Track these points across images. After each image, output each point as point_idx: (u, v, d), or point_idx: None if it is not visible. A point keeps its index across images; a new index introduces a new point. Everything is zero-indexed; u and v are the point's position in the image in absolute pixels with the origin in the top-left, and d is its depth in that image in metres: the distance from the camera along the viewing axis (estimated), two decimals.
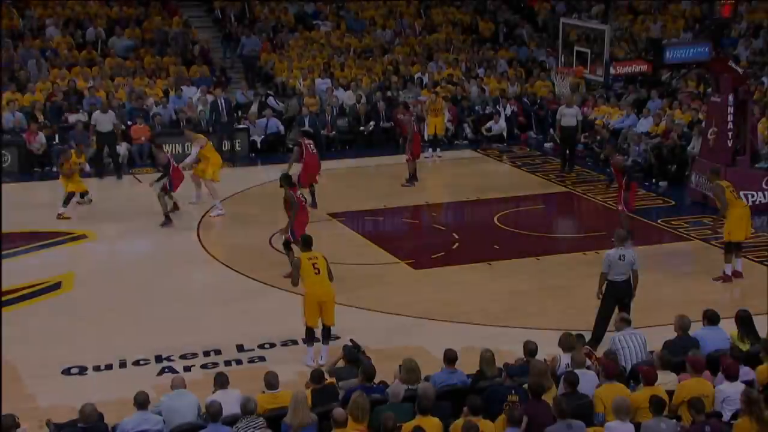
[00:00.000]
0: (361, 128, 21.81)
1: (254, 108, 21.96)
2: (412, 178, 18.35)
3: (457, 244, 15.06)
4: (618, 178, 14.55)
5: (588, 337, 10.49)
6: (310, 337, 10.85)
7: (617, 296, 10.92)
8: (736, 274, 13.25)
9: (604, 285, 10.96)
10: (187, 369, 10.76)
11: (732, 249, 13.17)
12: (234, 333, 11.71)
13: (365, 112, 21.94)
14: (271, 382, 8.62)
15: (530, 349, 9.07)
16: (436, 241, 15.44)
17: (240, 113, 21.98)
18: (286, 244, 13.45)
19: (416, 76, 23.75)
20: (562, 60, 16.36)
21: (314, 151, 16.72)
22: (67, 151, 17.38)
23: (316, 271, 10.74)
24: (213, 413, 8.04)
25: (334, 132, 21.54)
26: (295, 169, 16.14)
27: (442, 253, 14.63)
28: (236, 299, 12.99)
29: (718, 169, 14.40)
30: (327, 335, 10.89)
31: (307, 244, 11.18)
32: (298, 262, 10.92)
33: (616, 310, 10.75)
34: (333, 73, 23.72)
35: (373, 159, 20.63)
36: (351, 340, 9.72)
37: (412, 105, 21.45)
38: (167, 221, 15.94)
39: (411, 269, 14.07)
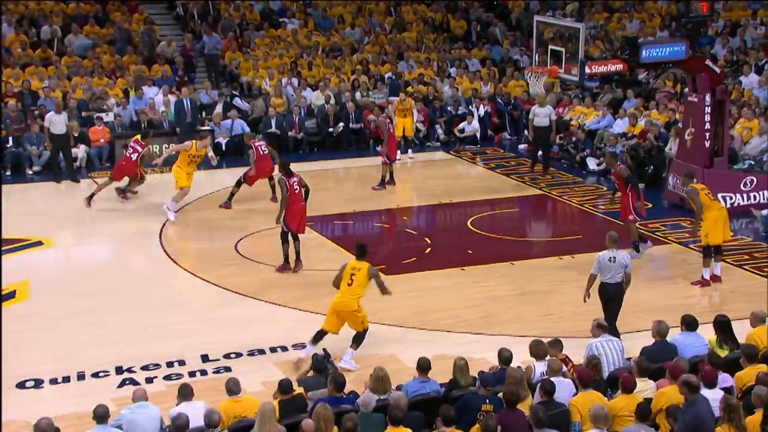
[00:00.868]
0: (330, 129, 21.80)
1: (219, 109, 21.87)
2: (383, 181, 18.35)
3: (429, 248, 15.08)
4: (621, 187, 14.47)
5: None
6: (315, 337, 11.04)
7: (609, 298, 11.06)
8: (715, 279, 13.39)
9: (594, 286, 11.10)
10: (149, 380, 10.68)
11: (710, 252, 13.29)
12: (198, 343, 11.64)
13: (334, 113, 21.94)
14: (232, 388, 8.60)
15: (505, 357, 9.10)
16: (408, 246, 15.47)
17: (204, 114, 21.89)
18: (283, 236, 13.70)
19: (386, 76, 23.78)
20: (537, 59, 16.45)
21: (265, 152, 16.94)
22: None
23: (350, 282, 10.99)
24: (180, 426, 7.98)
25: (301, 133, 21.52)
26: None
27: (414, 259, 14.67)
28: (201, 307, 12.92)
29: (692, 172, 14.56)
30: (354, 339, 11.08)
31: (359, 253, 11.33)
32: (343, 266, 11.15)
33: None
34: (300, 73, 23.70)
35: (343, 161, 20.63)
36: (324, 350, 9.72)
37: (382, 106, 21.46)
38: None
39: (382, 275, 14.03)
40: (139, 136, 18.00)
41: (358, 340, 11.10)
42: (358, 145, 21.94)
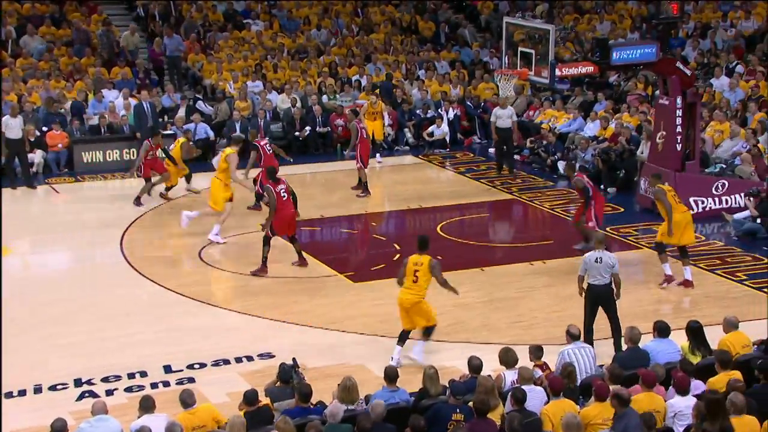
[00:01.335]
0: (296, 133, 21.76)
1: (182, 112, 21.76)
2: (365, 186, 18.32)
3: (398, 255, 15.10)
4: (581, 195, 14.76)
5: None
6: (400, 338, 11.22)
7: (597, 300, 11.11)
8: (687, 283, 13.54)
9: (584, 285, 11.20)
10: (109, 393, 10.58)
11: (664, 249, 13.56)
12: (161, 353, 11.56)
13: (300, 117, 21.91)
14: (186, 400, 8.57)
15: (475, 365, 9.12)
16: (377, 252, 15.47)
17: (166, 118, 21.76)
18: (265, 239, 13.88)
19: (354, 79, 23.80)
20: (507, 61, 16.55)
21: (270, 151, 17.00)
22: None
23: (414, 278, 11.00)
24: None
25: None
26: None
27: (383, 265, 14.66)
28: (163, 317, 12.82)
29: (660, 173, 14.78)
30: (423, 333, 11.23)
31: (420, 246, 11.30)
32: (406, 260, 11.14)
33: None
34: (265, 75, 23.64)
35: (309, 166, 20.59)
36: (293, 359, 9.69)
37: (348, 109, 21.46)
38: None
39: (350, 282, 14.07)
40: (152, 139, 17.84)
41: (428, 333, 11.21)
42: (325, 149, 21.92)
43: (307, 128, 21.83)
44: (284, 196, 14.00)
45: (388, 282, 13.98)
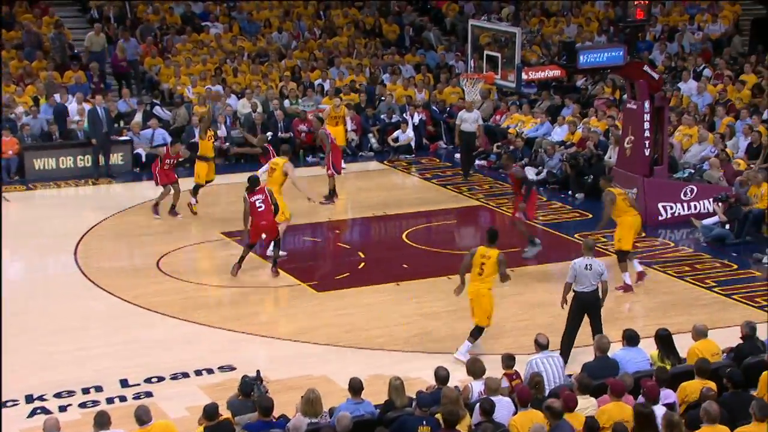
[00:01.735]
0: None
1: (138, 117, 21.62)
2: (331, 194, 18.31)
3: (363, 263, 15.10)
4: (516, 187, 15.17)
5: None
6: (472, 334, 11.56)
7: (584, 308, 11.22)
8: (640, 275, 13.88)
9: (570, 295, 11.30)
10: (62, 409, 10.47)
11: (625, 257, 13.82)
12: (117, 367, 11.45)
13: (262, 122, 21.85)
14: (142, 417, 8.48)
15: (442, 376, 9.14)
16: (341, 261, 15.46)
17: (122, 123, 21.60)
18: (247, 246, 14.26)
19: (316, 83, 23.80)
20: (472, 65, 16.64)
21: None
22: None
23: (480, 270, 11.41)
24: None
25: (227, 144, 21.36)
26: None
27: (347, 274, 14.65)
28: (120, 328, 12.71)
29: (611, 177, 15.20)
30: (472, 333, 11.57)
31: (489, 238, 11.73)
32: (474, 251, 11.48)
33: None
34: (225, 80, 23.56)
35: None
36: (257, 372, 9.66)
37: (311, 115, 21.46)
38: None
39: (314, 292, 14.05)
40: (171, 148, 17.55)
41: (475, 334, 11.48)
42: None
43: (269, 134, 21.75)
44: (260, 207, 14.04)
45: (352, 291, 14.02)
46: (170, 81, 23.39)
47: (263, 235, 14.45)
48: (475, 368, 9.30)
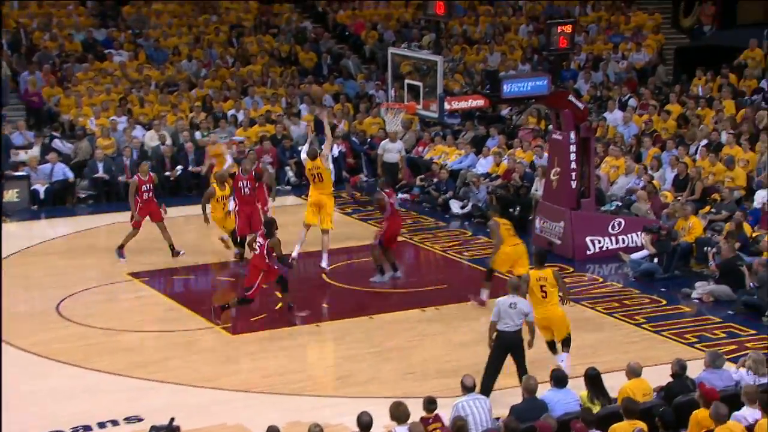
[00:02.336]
0: (167, 173, 21.49)
1: (36, 151, 21.23)
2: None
3: (280, 304, 15.04)
4: (383, 210, 16.08)
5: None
6: (551, 347, 12.31)
7: (507, 347, 11.33)
8: (481, 303, 14.56)
9: (494, 334, 11.43)
10: None
11: (491, 276, 14.67)
12: (11, 421, 11.12)
13: (171, 155, 21.67)
14: None
15: (364, 422, 9.12)
16: (257, 301, 15.38)
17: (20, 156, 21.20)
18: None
19: (229, 114, 23.73)
20: (393, 94, 16.81)
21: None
22: None
23: (543, 294, 11.96)
24: None
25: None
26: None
27: (264, 315, 14.58)
28: (14, 380, 12.35)
29: (497, 207, 16.76)
30: (563, 344, 12.24)
31: (538, 260, 12.40)
32: (527, 279, 12.05)
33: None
34: (131, 110, 23.33)
35: (182, 209, 20.31)
36: (171, 420, 9.49)
37: (226, 146, 21.34)
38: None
39: (227, 335, 13.92)
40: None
41: (567, 343, 12.19)
42: (200, 190, 21.68)
43: (179, 167, 21.59)
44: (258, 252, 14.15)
45: (269, 334, 13.93)
46: (71, 112, 23.06)
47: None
48: (399, 413, 9.30)
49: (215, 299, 14.89)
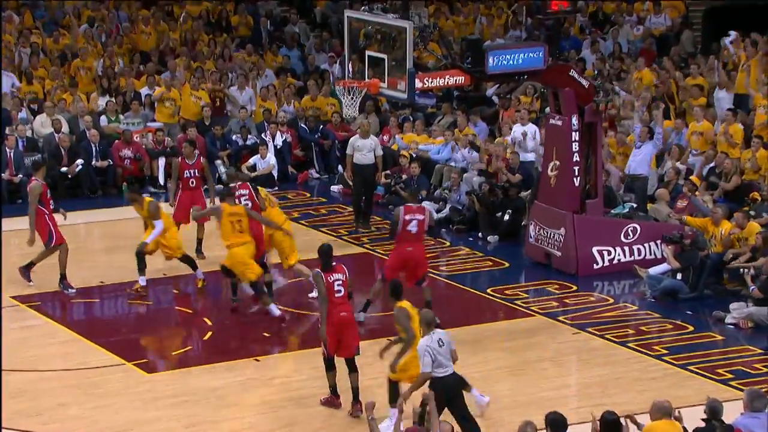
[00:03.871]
0: (63, 169, 21.37)
1: None
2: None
3: (210, 332, 14.99)
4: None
5: None
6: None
7: (450, 395, 11.20)
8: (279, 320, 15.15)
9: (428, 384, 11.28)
10: None
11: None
12: None
13: (69, 146, 21.54)
14: None
15: None
16: (180, 330, 15.36)
17: None
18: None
19: (143, 93, 23.61)
20: (350, 69, 16.80)
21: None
22: None
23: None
24: None
25: (20, 175, 20.96)
26: None
27: (189, 348, 14.60)
28: None
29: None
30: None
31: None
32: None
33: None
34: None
35: (84, 213, 20.21)
36: None
37: (138, 137, 21.31)
38: None
39: (142, 373, 13.89)
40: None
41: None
42: (106, 189, 21.61)
43: (79, 162, 21.46)
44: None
45: (195, 370, 13.89)
46: None
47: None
48: None
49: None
